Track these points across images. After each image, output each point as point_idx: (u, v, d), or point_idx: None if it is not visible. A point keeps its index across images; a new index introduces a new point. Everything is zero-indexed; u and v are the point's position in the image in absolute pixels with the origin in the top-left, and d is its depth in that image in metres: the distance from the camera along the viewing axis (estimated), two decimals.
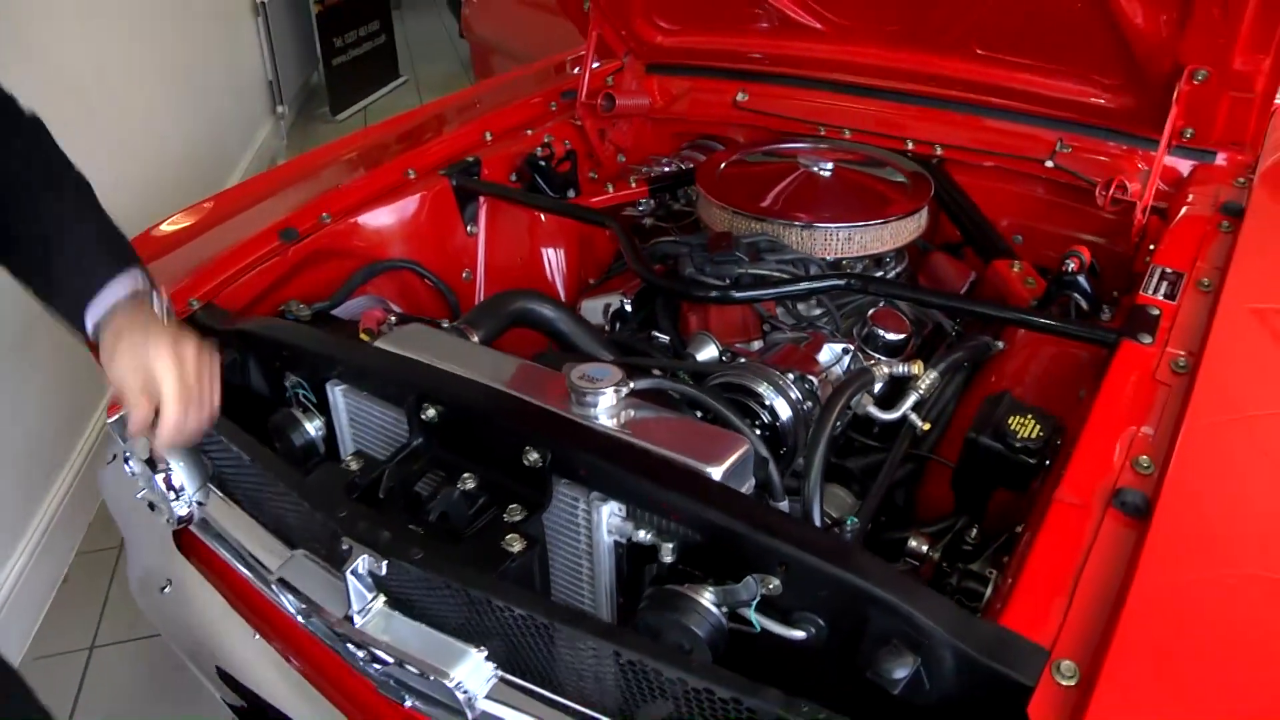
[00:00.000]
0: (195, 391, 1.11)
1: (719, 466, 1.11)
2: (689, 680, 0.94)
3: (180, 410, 1.10)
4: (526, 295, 1.52)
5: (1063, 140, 1.85)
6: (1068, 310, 1.55)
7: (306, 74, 5.99)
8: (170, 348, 1.09)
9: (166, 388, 1.09)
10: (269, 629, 1.48)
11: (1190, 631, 0.92)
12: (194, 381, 1.11)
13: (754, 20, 2.00)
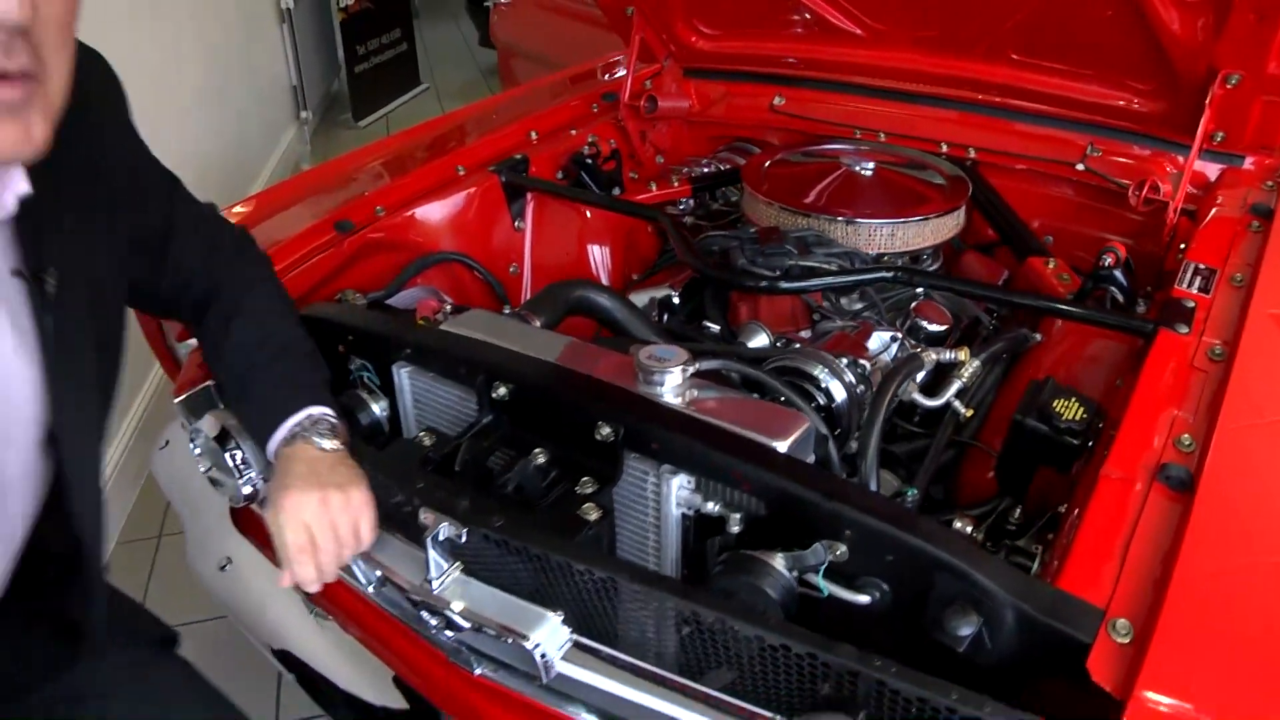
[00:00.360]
0: (335, 548, 1.14)
1: (784, 441, 1.16)
2: (767, 637, 0.99)
3: (315, 574, 1.13)
4: (584, 284, 1.58)
5: (1093, 144, 1.90)
6: (1104, 304, 1.60)
7: (329, 81, 6.07)
8: (321, 506, 1.12)
9: (319, 554, 1.12)
10: (332, 604, 1.53)
11: (1238, 593, 0.97)
12: (336, 538, 1.13)
13: (793, 25, 2.07)
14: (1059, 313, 1.54)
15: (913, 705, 0.95)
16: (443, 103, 6.27)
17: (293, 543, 1.11)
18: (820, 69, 2.18)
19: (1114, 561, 1.02)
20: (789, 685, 1.05)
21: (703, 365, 1.27)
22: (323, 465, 1.16)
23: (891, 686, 0.95)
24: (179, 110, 3.72)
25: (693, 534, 1.21)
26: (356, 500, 1.14)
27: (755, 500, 1.14)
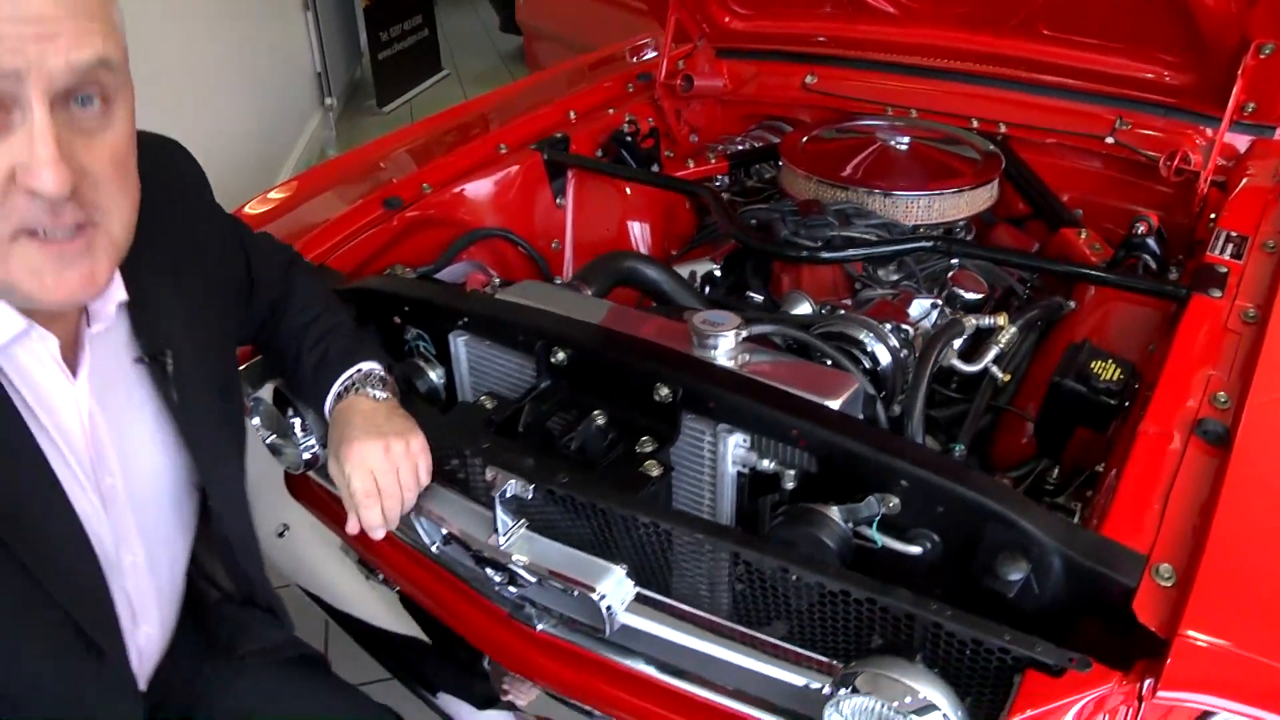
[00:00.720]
0: (399, 491, 1.20)
1: (835, 400, 1.21)
2: (827, 583, 1.04)
3: (381, 518, 1.19)
4: (632, 256, 1.63)
5: (1122, 117, 1.94)
6: (1136, 271, 1.64)
7: (352, 68, 6.13)
8: (385, 454, 1.17)
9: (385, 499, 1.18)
10: (391, 566, 1.59)
11: (1276, 539, 1.02)
12: (399, 482, 1.19)
13: (825, 4, 2.11)
14: (1094, 279, 1.58)
15: (966, 647, 1.01)
16: (465, 88, 6.32)
17: (360, 489, 1.16)
18: (852, 47, 2.22)
19: (1155, 511, 1.06)
20: (845, 632, 1.10)
21: (754, 329, 1.32)
22: (379, 415, 1.22)
23: (947, 629, 1.00)
24: (207, 98, 3.78)
25: (747, 492, 1.26)
26: (415, 446, 1.20)
27: (808, 457, 1.18)
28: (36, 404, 0.96)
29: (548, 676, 1.38)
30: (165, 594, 1.20)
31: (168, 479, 1.14)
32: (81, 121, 0.83)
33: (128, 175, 0.91)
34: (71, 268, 0.86)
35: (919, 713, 0.98)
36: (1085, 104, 1.98)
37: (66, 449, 1.00)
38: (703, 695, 1.24)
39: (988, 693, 1.03)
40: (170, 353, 1.07)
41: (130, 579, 1.11)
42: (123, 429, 1.05)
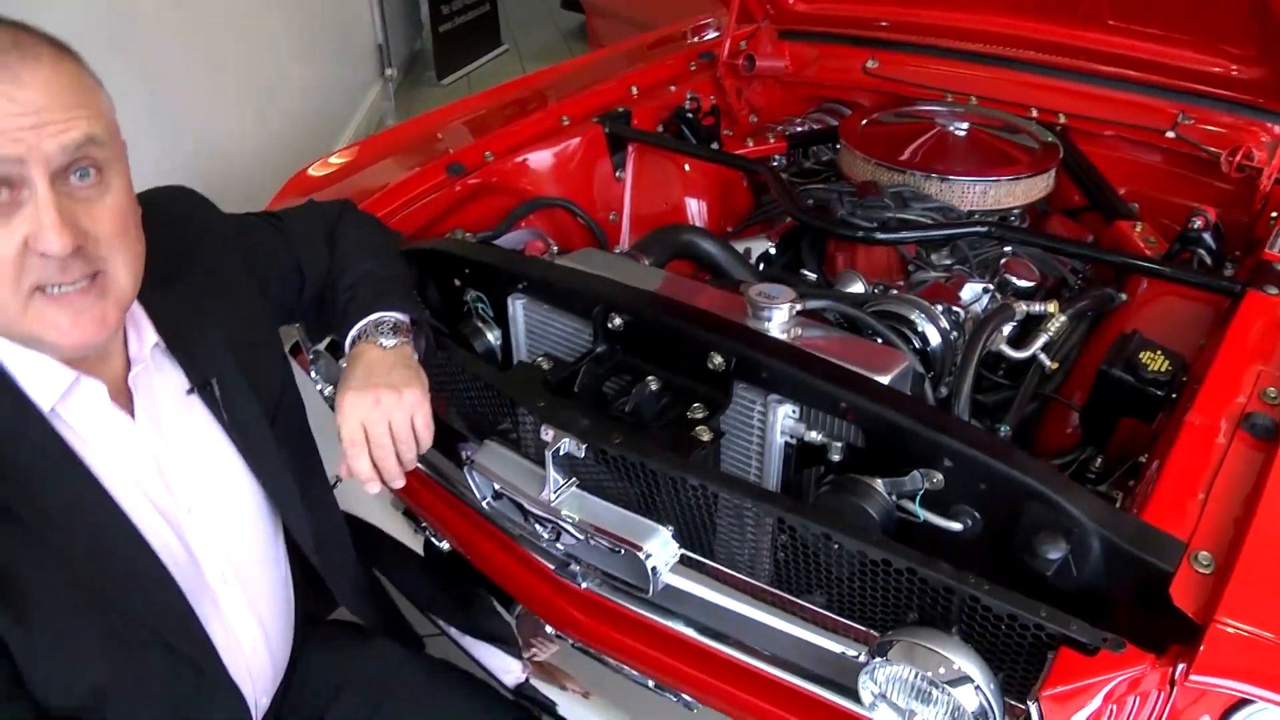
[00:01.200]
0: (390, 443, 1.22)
1: (885, 376, 1.24)
2: (869, 552, 1.07)
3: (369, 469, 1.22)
4: (691, 229, 1.66)
5: (1184, 111, 1.93)
6: (1190, 265, 1.64)
7: (412, 40, 6.18)
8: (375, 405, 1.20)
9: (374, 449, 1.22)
10: (441, 521, 1.64)
11: None
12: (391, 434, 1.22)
13: None
14: (1147, 271, 1.59)
15: (1002, 622, 1.03)
16: (524, 64, 6.36)
17: (346, 437, 1.20)
18: (914, 32, 2.22)
19: (1196, 500, 1.08)
20: (883, 603, 1.13)
21: (808, 304, 1.34)
22: (382, 365, 1.24)
23: (984, 603, 1.03)
24: (271, 65, 3.85)
25: (794, 462, 1.28)
26: (410, 399, 1.21)
27: (855, 431, 1.21)
28: (100, 448, 1.06)
29: (588, 633, 1.42)
30: (266, 613, 1.26)
31: (244, 499, 1.22)
32: (79, 191, 0.95)
33: (128, 231, 1.01)
34: (83, 314, 0.97)
35: (953, 683, 1.01)
36: (1147, 96, 1.97)
37: (137, 486, 1.09)
38: (739, 658, 1.28)
39: (1020, 668, 1.06)
40: (215, 380, 1.16)
41: (227, 602, 1.19)
42: (194, 459, 1.15)
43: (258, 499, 1.24)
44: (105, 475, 1.05)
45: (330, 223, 1.42)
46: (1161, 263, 1.61)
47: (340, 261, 1.38)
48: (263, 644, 1.26)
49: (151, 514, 1.10)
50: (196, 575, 1.15)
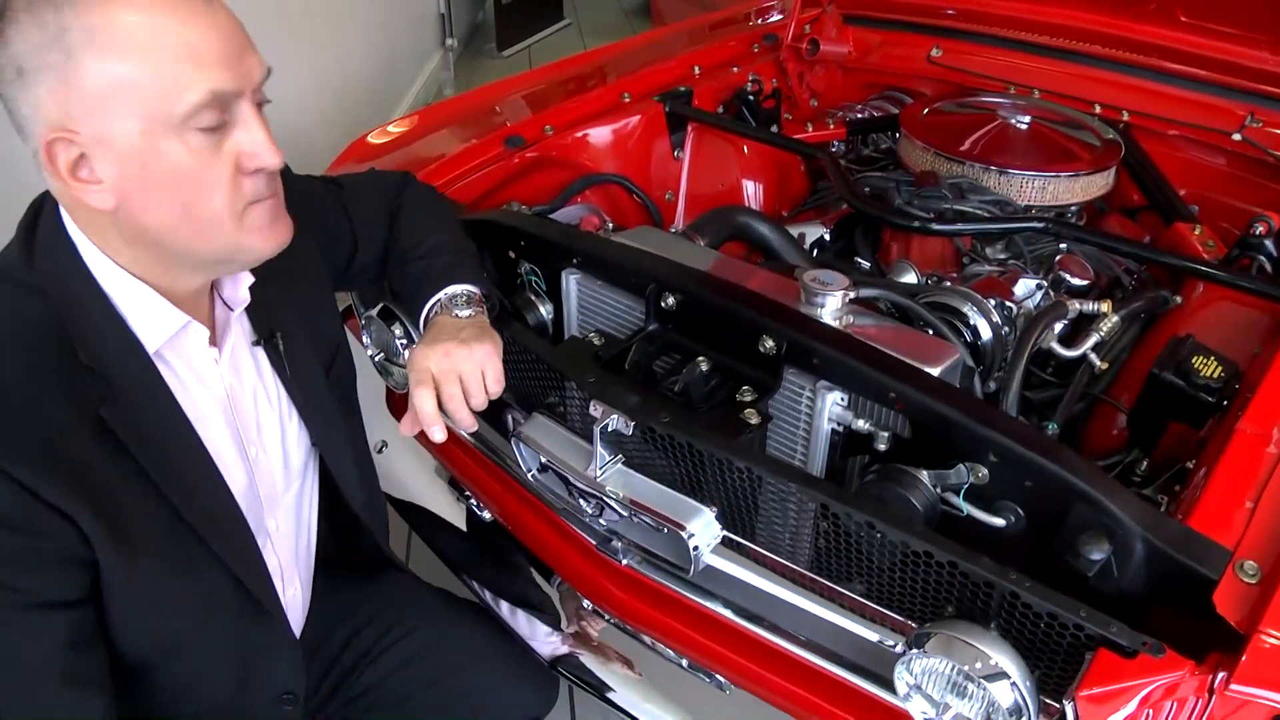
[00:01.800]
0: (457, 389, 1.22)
1: (935, 367, 1.24)
2: (912, 543, 1.07)
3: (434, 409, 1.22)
4: (746, 211, 1.66)
5: (1253, 114, 1.88)
6: (1249, 272, 1.62)
7: (474, 10, 6.21)
8: (444, 355, 1.22)
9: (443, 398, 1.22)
10: (485, 491, 1.67)
11: None
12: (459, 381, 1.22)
13: None
14: (1204, 275, 1.56)
15: (1041, 620, 1.03)
16: (585, 39, 6.36)
17: (414, 380, 1.21)
18: (980, 22, 2.19)
19: (1244, 509, 1.07)
20: (922, 595, 1.13)
21: (861, 292, 1.34)
22: (453, 327, 1.26)
23: (1023, 600, 1.02)
24: (334, 29, 3.88)
25: (839, 450, 1.29)
26: (480, 352, 1.22)
27: (902, 421, 1.21)
28: (192, 389, 1.10)
29: (624, 609, 1.44)
30: (302, 557, 1.32)
31: (293, 448, 1.26)
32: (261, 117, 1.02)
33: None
34: (279, 220, 1.06)
35: (989, 679, 1.01)
36: (1215, 97, 1.93)
37: (219, 423, 1.13)
38: (775, 642, 1.29)
39: (1057, 668, 1.06)
40: (280, 334, 1.20)
41: (276, 543, 1.24)
42: (254, 405, 1.19)
43: (304, 450, 1.28)
44: (194, 415, 1.09)
45: (392, 194, 1.45)
46: (1219, 267, 1.59)
47: (407, 233, 1.40)
48: (301, 597, 1.31)
49: (231, 454, 1.15)
50: (258, 520, 1.19)
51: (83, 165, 0.94)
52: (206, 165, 0.96)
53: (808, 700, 1.28)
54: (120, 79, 0.90)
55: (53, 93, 0.90)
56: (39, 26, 0.88)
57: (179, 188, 0.96)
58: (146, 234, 0.99)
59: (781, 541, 1.30)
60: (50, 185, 0.98)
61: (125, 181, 0.95)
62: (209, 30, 0.93)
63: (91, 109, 0.91)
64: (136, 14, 0.90)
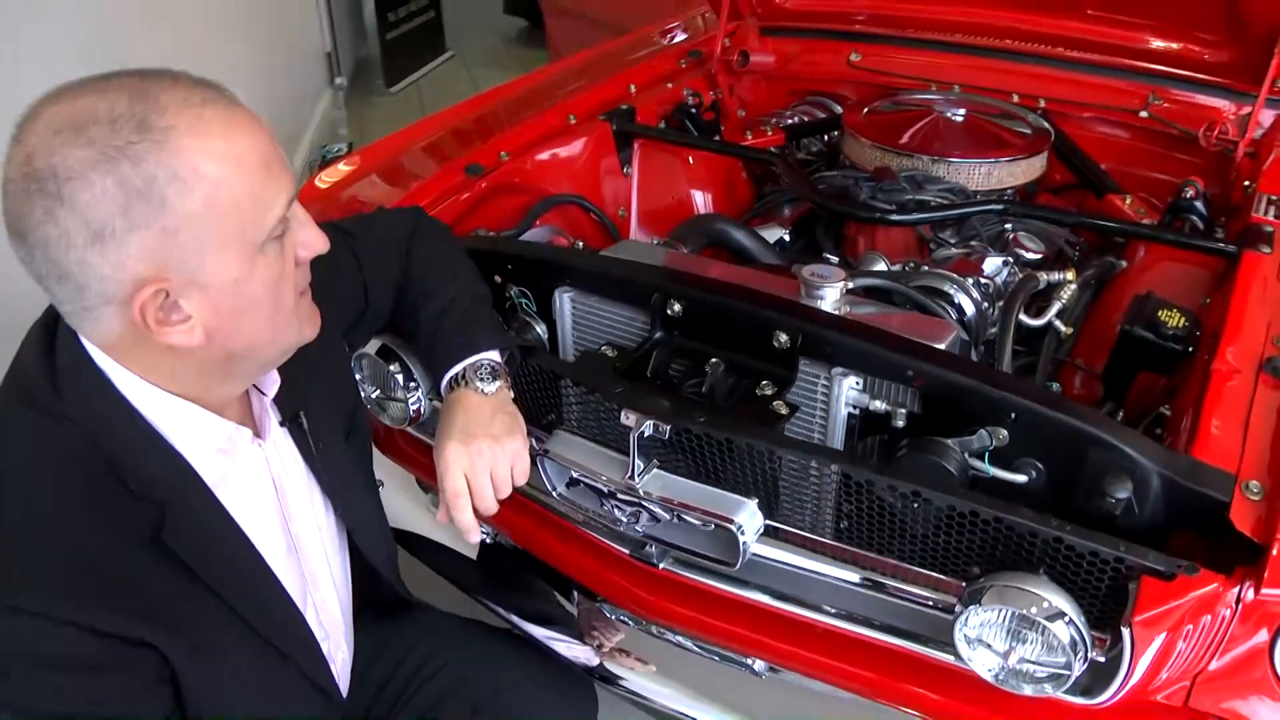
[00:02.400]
0: (490, 494, 1.26)
1: (939, 344, 1.33)
2: (958, 505, 1.15)
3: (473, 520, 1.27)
4: (722, 219, 1.74)
5: (1154, 93, 2.06)
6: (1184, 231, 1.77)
7: (358, 48, 6.16)
8: (478, 457, 1.24)
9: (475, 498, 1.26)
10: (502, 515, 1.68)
11: None
12: (494, 484, 1.26)
13: None
14: (1159, 239, 1.69)
15: (1084, 559, 1.12)
16: (470, 70, 6.38)
17: (450, 489, 1.24)
18: (894, 26, 2.32)
19: (1236, 436, 1.19)
20: (967, 554, 1.21)
21: (859, 283, 1.42)
22: (482, 414, 1.27)
23: (1067, 543, 1.12)
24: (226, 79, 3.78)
25: (856, 432, 1.36)
26: (510, 448, 1.25)
27: (914, 397, 1.29)
28: (243, 484, 1.10)
29: (660, 611, 1.48)
30: (345, 620, 1.33)
31: (325, 521, 1.26)
32: None
33: None
34: (316, 309, 1.09)
35: (1049, 619, 1.09)
36: (1121, 80, 2.10)
37: (269, 513, 1.14)
38: (823, 622, 1.35)
39: (1099, 603, 1.15)
40: (304, 412, 1.19)
41: (322, 615, 1.24)
42: (289, 483, 1.18)
43: (333, 520, 1.29)
44: (244, 514, 1.09)
45: (404, 239, 1.43)
46: (1164, 229, 1.73)
47: (421, 280, 1.39)
48: (345, 652, 1.32)
49: (280, 541, 1.15)
50: (305, 598, 1.20)
51: (169, 308, 0.91)
52: (282, 271, 0.98)
53: (857, 675, 1.35)
54: (217, 210, 0.89)
55: (145, 247, 0.87)
56: (119, 184, 0.84)
57: (265, 303, 0.97)
58: (229, 356, 0.98)
59: (819, 522, 1.36)
60: (107, 332, 0.93)
61: (218, 313, 0.93)
62: (265, 141, 0.94)
63: (187, 252, 0.88)
64: (216, 145, 0.88)
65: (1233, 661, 1.12)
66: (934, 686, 1.30)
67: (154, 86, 0.88)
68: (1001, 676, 1.18)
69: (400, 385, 1.57)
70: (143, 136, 0.85)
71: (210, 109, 0.89)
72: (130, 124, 0.85)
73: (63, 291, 0.89)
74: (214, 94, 0.91)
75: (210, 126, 0.88)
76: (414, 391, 1.59)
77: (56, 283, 0.89)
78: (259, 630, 1.08)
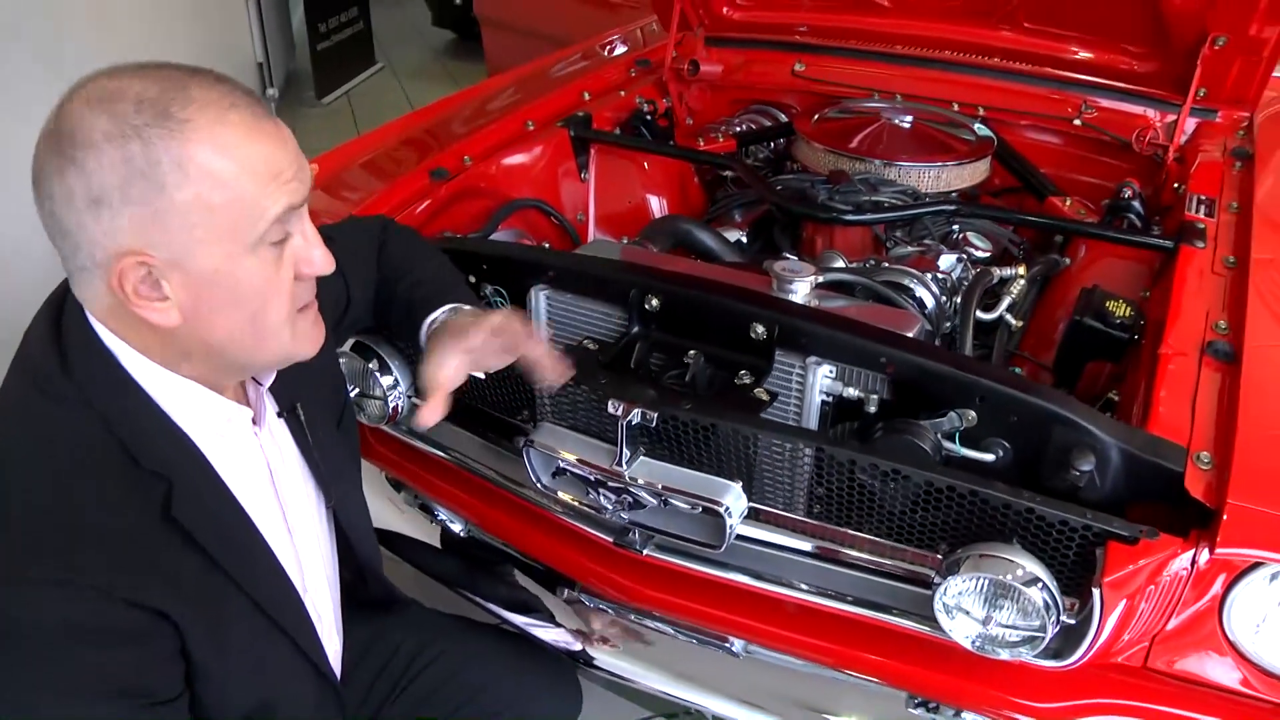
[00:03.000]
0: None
1: (909, 333, 1.40)
2: (935, 480, 1.22)
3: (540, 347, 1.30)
4: (687, 220, 1.80)
5: (1086, 102, 2.18)
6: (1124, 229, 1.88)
7: (288, 59, 6.10)
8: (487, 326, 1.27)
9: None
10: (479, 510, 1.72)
11: None
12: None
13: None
14: (1104, 237, 1.79)
15: (1053, 529, 1.20)
16: (400, 81, 6.37)
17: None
18: (838, 37, 2.41)
19: (1185, 412, 1.28)
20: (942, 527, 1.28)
21: (827, 277, 1.49)
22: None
23: (1038, 513, 1.20)
24: None
25: (830, 419, 1.42)
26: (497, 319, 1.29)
27: (885, 384, 1.36)
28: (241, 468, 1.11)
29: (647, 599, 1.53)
30: (335, 610, 1.34)
31: (317, 510, 1.28)
32: None
33: None
34: (318, 326, 1.10)
35: (1025, 584, 1.17)
36: (1055, 90, 2.22)
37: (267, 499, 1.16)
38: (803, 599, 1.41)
39: (1067, 569, 1.23)
40: (299, 404, 1.22)
41: (317, 602, 1.25)
42: (285, 472, 1.20)
43: (323, 510, 1.31)
44: (244, 498, 1.10)
45: (376, 238, 1.47)
46: (1106, 227, 1.84)
47: (396, 266, 1.43)
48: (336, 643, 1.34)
49: (279, 528, 1.17)
50: (301, 585, 1.21)
51: (150, 284, 0.93)
52: (272, 278, 0.98)
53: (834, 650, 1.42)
54: (210, 206, 0.91)
55: (136, 221, 0.90)
56: (125, 160, 0.88)
57: (248, 303, 0.98)
58: (207, 347, 1.00)
59: (794, 503, 1.42)
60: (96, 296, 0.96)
61: (196, 300, 0.95)
62: (281, 148, 0.96)
63: (174, 235, 0.91)
64: (225, 143, 0.91)
65: (1187, 620, 1.22)
66: (911, 659, 1.38)
67: (196, 83, 0.91)
68: (979, 644, 1.25)
69: (377, 381, 1.60)
70: (160, 123, 0.88)
71: (235, 113, 0.92)
72: (153, 109, 0.88)
73: (63, 246, 0.93)
74: (245, 100, 0.94)
75: (228, 129, 0.91)
76: (393, 390, 1.62)
77: (59, 237, 0.92)
78: (264, 608, 1.09)
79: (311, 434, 1.24)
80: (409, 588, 1.58)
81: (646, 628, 1.59)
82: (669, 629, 1.58)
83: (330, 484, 1.28)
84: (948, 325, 1.68)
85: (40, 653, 0.91)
